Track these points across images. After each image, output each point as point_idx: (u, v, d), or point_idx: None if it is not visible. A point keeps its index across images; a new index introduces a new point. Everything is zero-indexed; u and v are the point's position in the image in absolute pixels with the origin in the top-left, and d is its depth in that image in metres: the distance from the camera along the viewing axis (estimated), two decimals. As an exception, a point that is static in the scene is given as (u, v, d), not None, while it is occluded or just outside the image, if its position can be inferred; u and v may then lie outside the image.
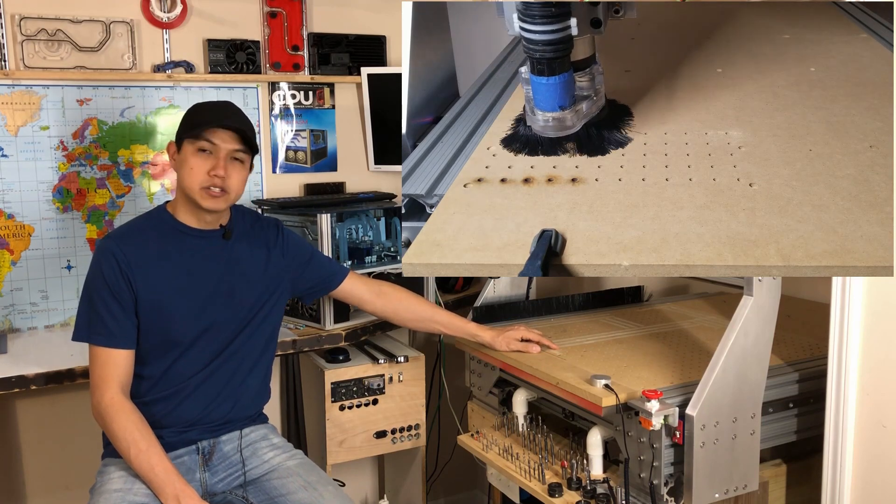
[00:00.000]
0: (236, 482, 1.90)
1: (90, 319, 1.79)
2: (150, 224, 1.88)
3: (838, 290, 1.49)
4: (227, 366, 1.89)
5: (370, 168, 2.97)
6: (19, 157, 2.46)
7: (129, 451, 1.70)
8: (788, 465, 1.68)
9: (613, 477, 1.65)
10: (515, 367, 1.84)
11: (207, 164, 1.79)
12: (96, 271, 1.80)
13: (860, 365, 1.49)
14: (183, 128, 1.84)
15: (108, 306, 1.77)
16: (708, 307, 2.22)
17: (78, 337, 1.81)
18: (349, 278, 2.12)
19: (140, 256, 1.80)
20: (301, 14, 2.80)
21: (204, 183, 1.79)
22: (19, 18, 2.41)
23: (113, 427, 1.72)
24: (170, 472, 1.69)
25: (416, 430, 2.53)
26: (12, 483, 2.56)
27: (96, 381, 1.76)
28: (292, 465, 1.90)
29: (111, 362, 1.76)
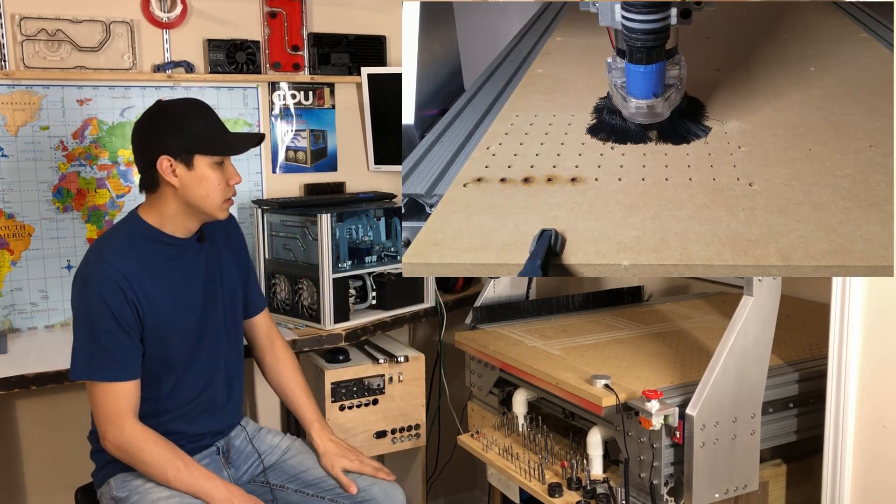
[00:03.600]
0: (257, 470, 1.95)
1: (91, 355, 1.68)
2: (133, 239, 1.76)
3: (838, 290, 1.49)
4: (227, 372, 1.91)
5: (370, 168, 2.97)
6: (19, 157, 2.46)
7: (168, 474, 1.68)
8: (788, 465, 1.68)
9: (613, 477, 1.65)
10: (515, 367, 1.84)
11: (223, 175, 1.75)
12: (97, 301, 1.66)
13: (860, 365, 1.49)
14: (195, 143, 1.71)
15: (115, 338, 1.68)
16: (708, 307, 2.22)
17: (78, 375, 1.70)
18: (264, 313, 2.06)
19: (138, 278, 1.70)
20: (301, 14, 2.80)
21: (226, 195, 1.76)
22: (19, 18, 2.41)
23: (143, 457, 1.68)
24: (213, 479, 1.71)
25: (416, 430, 2.52)
26: (12, 483, 2.56)
27: (109, 417, 1.68)
28: (298, 444, 2.00)
29: (123, 395, 1.69)
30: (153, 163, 1.71)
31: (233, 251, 1.95)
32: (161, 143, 1.71)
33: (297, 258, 2.52)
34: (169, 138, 1.71)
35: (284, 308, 2.55)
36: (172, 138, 1.71)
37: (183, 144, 1.70)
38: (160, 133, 1.71)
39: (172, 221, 1.77)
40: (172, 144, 1.70)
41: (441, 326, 2.71)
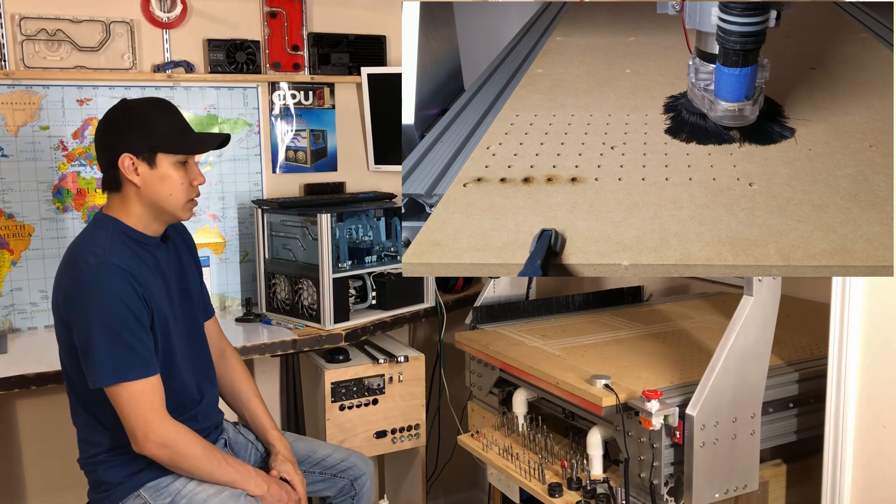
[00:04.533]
0: (256, 457, 1.97)
1: (115, 357, 1.60)
2: (116, 234, 1.71)
3: (838, 290, 1.49)
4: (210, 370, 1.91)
5: (370, 168, 2.97)
6: (19, 157, 2.46)
7: (212, 465, 1.67)
8: (788, 465, 1.68)
9: (613, 477, 1.65)
10: (515, 367, 1.84)
11: (187, 175, 1.72)
12: (113, 299, 1.61)
13: (860, 365, 1.48)
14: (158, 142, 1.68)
15: (135, 333, 1.62)
16: (708, 307, 2.22)
17: (105, 382, 1.60)
18: (213, 320, 2.03)
19: (139, 270, 1.68)
20: (301, 14, 2.80)
21: (189, 195, 1.74)
22: (19, 18, 2.41)
23: (189, 450, 1.65)
24: (246, 468, 1.74)
25: (416, 430, 2.52)
26: (12, 483, 2.56)
27: (148, 416, 1.61)
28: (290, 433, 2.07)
29: (156, 390, 1.64)
30: (115, 161, 1.67)
31: (191, 253, 1.95)
32: (123, 142, 1.67)
33: (297, 258, 2.52)
34: (132, 136, 1.67)
35: (284, 308, 2.55)
36: (135, 136, 1.67)
37: (145, 143, 1.67)
38: (123, 131, 1.68)
39: (140, 221, 1.73)
40: (135, 142, 1.67)
41: (441, 326, 2.71)
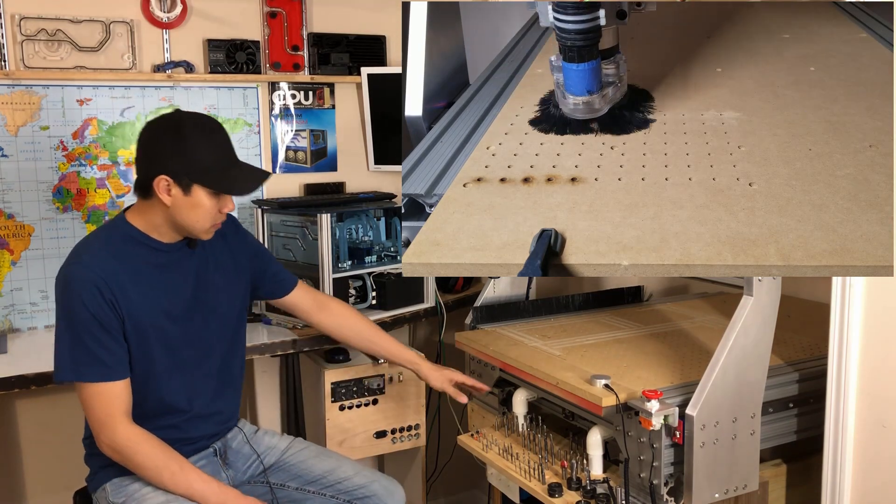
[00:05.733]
0: (257, 470, 1.94)
1: (74, 356, 1.65)
2: (115, 239, 1.72)
3: (838, 290, 1.49)
4: (223, 379, 1.88)
5: (370, 168, 2.97)
6: (19, 157, 2.46)
7: (163, 477, 1.67)
8: (788, 465, 1.68)
9: (613, 477, 1.65)
10: (515, 367, 1.84)
11: (218, 203, 1.71)
12: (76, 304, 1.63)
13: (860, 365, 1.48)
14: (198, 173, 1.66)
15: (98, 338, 1.64)
16: (708, 307, 2.22)
17: (63, 376, 1.66)
18: (298, 287, 2.07)
19: (116, 279, 1.67)
20: (301, 14, 2.80)
21: (215, 220, 1.73)
22: (19, 18, 2.41)
23: (137, 459, 1.66)
24: (208, 482, 1.69)
25: (416, 430, 2.52)
26: (12, 483, 2.56)
27: (102, 419, 1.66)
28: (297, 442, 2.00)
29: (113, 396, 1.66)
30: (152, 177, 1.67)
31: (233, 253, 1.90)
32: (164, 162, 1.66)
33: (297, 258, 2.52)
34: (173, 159, 1.66)
35: (284, 308, 2.54)
36: (177, 161, 1.66)
37: (184, 170, 1.66)
38: (166, 151, 1.67)
39: (158, 230, 1.73)
40: (174, 167, 1.65)
41: (441, 326, 2.71)
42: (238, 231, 1.95)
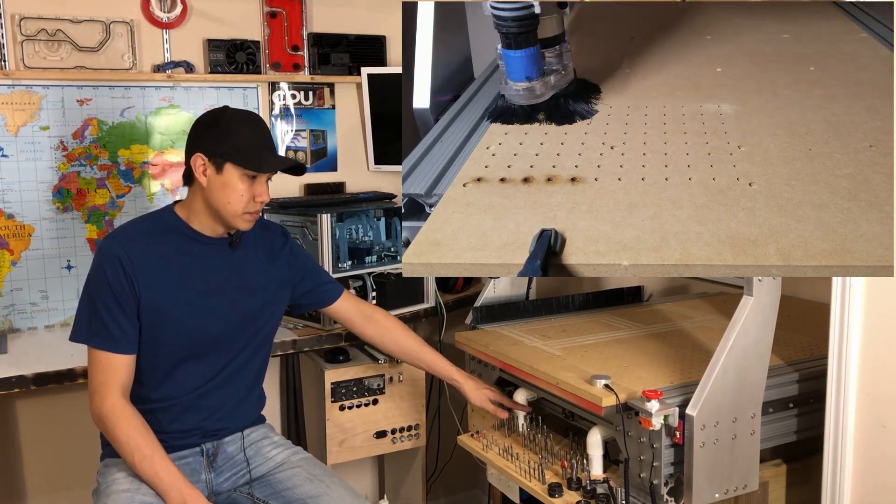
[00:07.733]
0: (242, 480, 1.91)
1: (90, 321, 1.74)
2: (155, 226, 1.82)
3: (838, 290, 1.48)
4: (232, 380, 1.88)
5: (370, 168, 2.97)
6: (19, 157, 2.46)
7: (133, 457, 1.69)
8: (788, 465, 1.68)
9: (613, 477, 1.65)
10: (515, 367, 1.84)
11: (251, 188, 1.77)
12: (99, 273, 1.74)
13: (860, 365, 1.48)
14: (230, 151, 1.75)
15: (111, 310, 1.73)
16: (708, 307, 2.22)
17: (77, 338, 1.76)
18: (343, 297, 2.10)
19: (144, 259, 1.75)
20: (301, 14, 2.80)
21: (248, 208, 1.78)
22: (19, 18, 2.41)
23: (115, 433, 1.70)
24: (174, 477, 1.68)
25: (416, 430, 2.52)
26: (12, 483, 2.56)
27: (96, 386, 1.73)
28: (296, 459, 1.93)
29: (112, 367, 1.73)
30: (191, 157, 1.78)
31: (275, 260, 1.95)
32: (201, 142, 1.77)
33: (297, 258, 2.52)
34: (210, 139, 1.76)
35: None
36: (212, 141, 1.76)
37: (218, 150, 1.75)
38: (205, 133, 1.78)
39: (199, 218, 1.81)
40: (210, 146, 1.76)
41: (441, 326, 2.71)
42: (287, 242, 2.01)
